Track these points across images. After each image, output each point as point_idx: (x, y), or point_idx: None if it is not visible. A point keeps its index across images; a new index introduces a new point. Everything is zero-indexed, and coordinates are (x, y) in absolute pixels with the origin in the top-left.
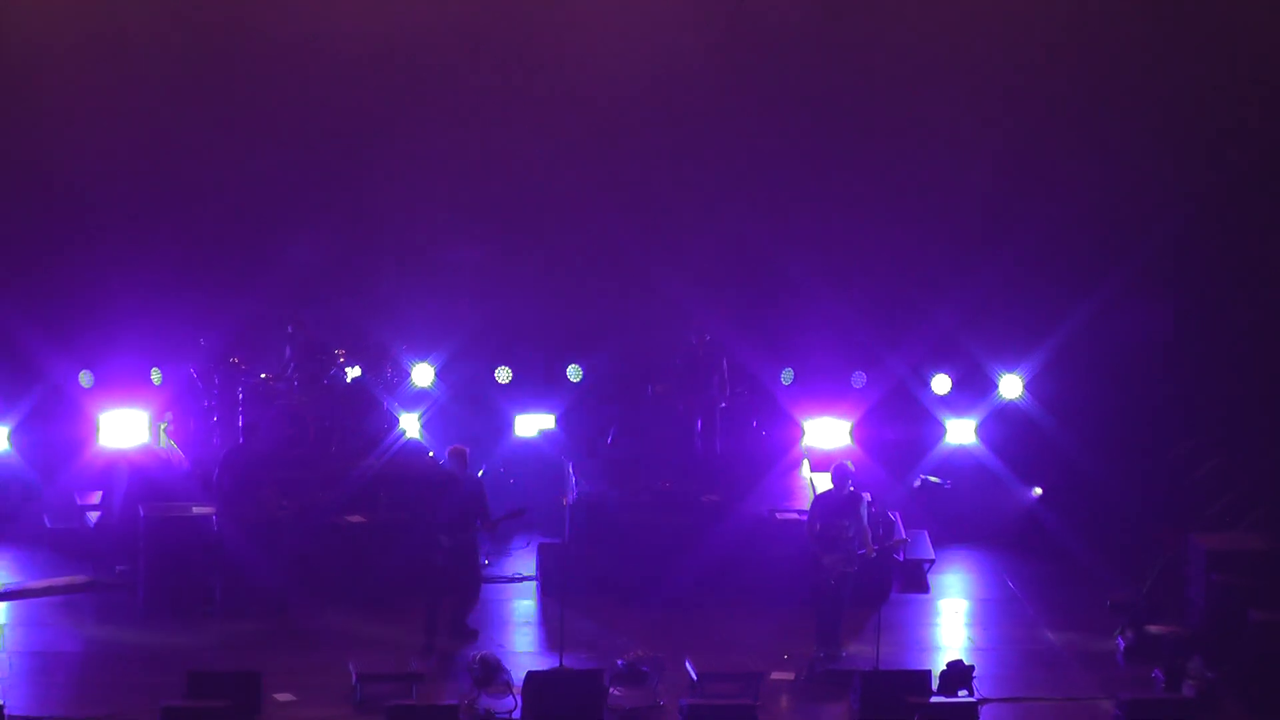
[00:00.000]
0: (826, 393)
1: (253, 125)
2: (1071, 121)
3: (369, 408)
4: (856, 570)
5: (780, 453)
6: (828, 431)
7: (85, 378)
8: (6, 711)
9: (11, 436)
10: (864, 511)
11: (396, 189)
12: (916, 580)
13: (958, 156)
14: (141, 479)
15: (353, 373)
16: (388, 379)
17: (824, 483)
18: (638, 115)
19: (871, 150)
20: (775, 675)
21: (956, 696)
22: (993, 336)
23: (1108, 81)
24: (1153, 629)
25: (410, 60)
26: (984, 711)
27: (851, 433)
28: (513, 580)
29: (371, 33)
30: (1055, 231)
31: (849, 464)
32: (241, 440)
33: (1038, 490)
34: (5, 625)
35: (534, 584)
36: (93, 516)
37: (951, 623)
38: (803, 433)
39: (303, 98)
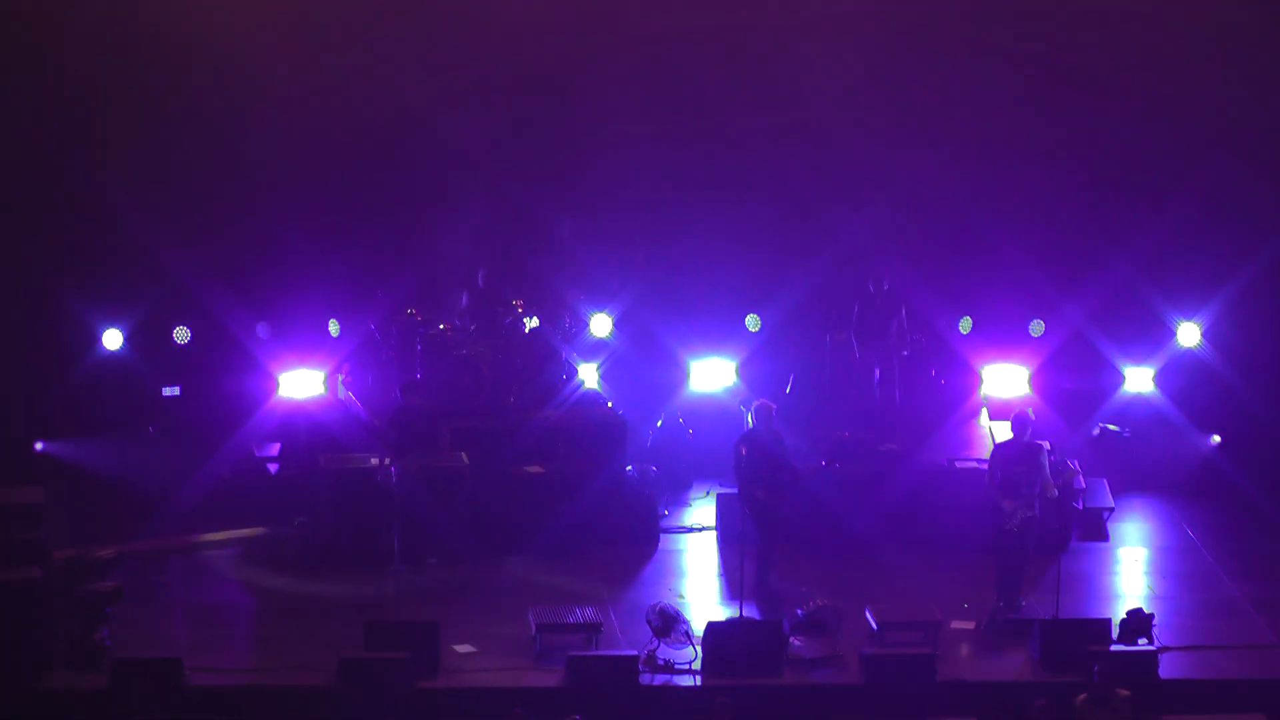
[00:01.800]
0: (1005, 341)
1: (432, 81)
2: (1252, 67)
3: (547, 358)
4: (1039, 517)
5: (959, 401)
6: (1006, 379)
7: (264, 331)
8: (187, 664)
9: (190, 389)
10: (1045, 460)
11: (572, 139)
12: (1096, 529)
13: (1136, 104)
14: (320, 431)
15: (531, 323)
16: (565, 329)
17: (1003, 431)
18: (820, 67)
19: (1051, 100)
20: (955, 624)
21: (1136, 645)
22: (1171, 284)
23: None
24: None
25: (594, 12)
26: (1164, 660)
27: (1030, 381)
28: (691, 530)
29: None
30: (1234, 179)
31: (1029, 412)
32: (400, 398)
33: (1216, 438)
34: (185, 578)
35: (713, 534)
36: (272, 468)
37: (1131, 571)
38: (981, 381)
39: (482, 53)
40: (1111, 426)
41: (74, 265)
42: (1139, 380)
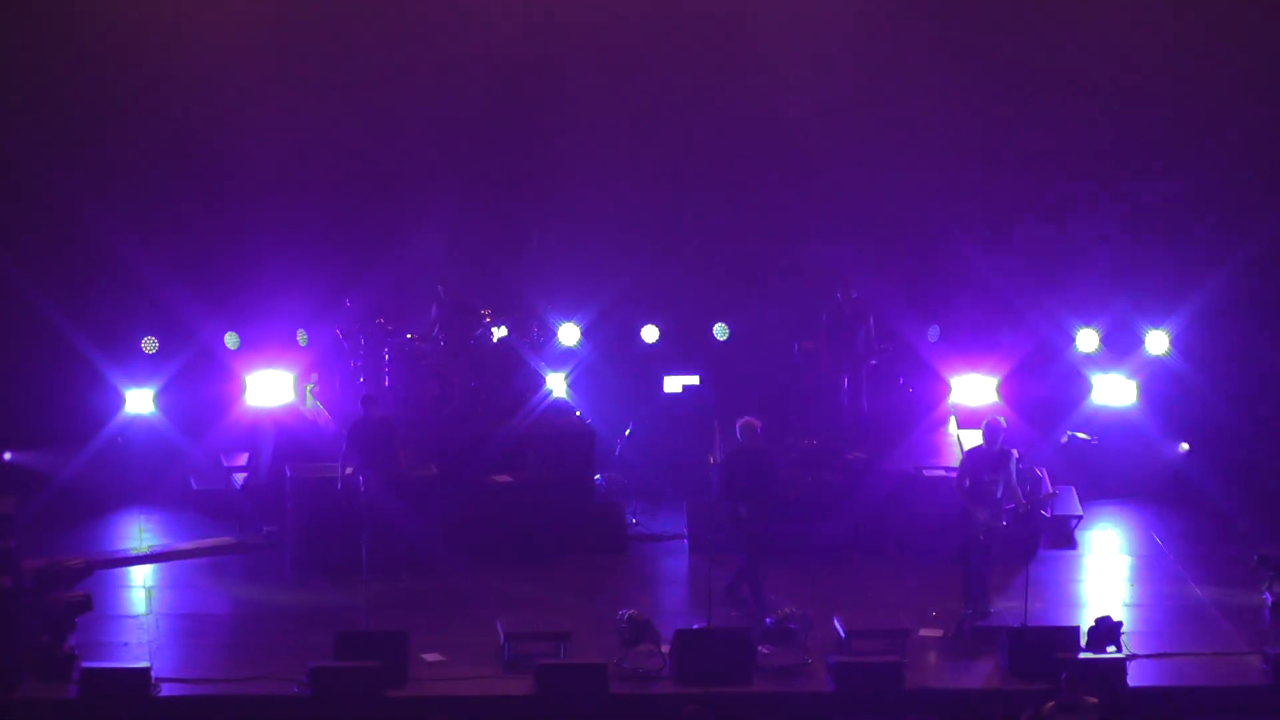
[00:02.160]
0: (973, 349)
1: (400, 90)
2: (1224, 74)
3: (515, 367)
4: (1005, 526)
5: (927, 409)
6: (975, 388)
7: (231, 339)
8: (155, 673)
9: (158, 398)
10: (1013, 467)
11: (543, 149)
12: (1064, 536)
13: (1106, 112)
14: (288, 440)
15: (499, 332)
16: (534, 338)
17: (972, 439)
18: (792, 78)
19: (1022, 110)
20: (924, 632)
21: (1105, 652)
22: (1140, 292)
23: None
24: None
25: (567, 22)
26: (1132, 667)
27: (998, 389)
28: (661, 538)
29: None
30: (1201, 187)
31: (1001, 420)
32: (361, 412)
33: (1184, 446)
34: (153, 587)
35: (684, 542)
36: (239, 478)
37: (1099, 579)
38: (949, 389)
39: (454, 63)
40: (1080, 434)
41: (42, 272)
42: (1107, 388)
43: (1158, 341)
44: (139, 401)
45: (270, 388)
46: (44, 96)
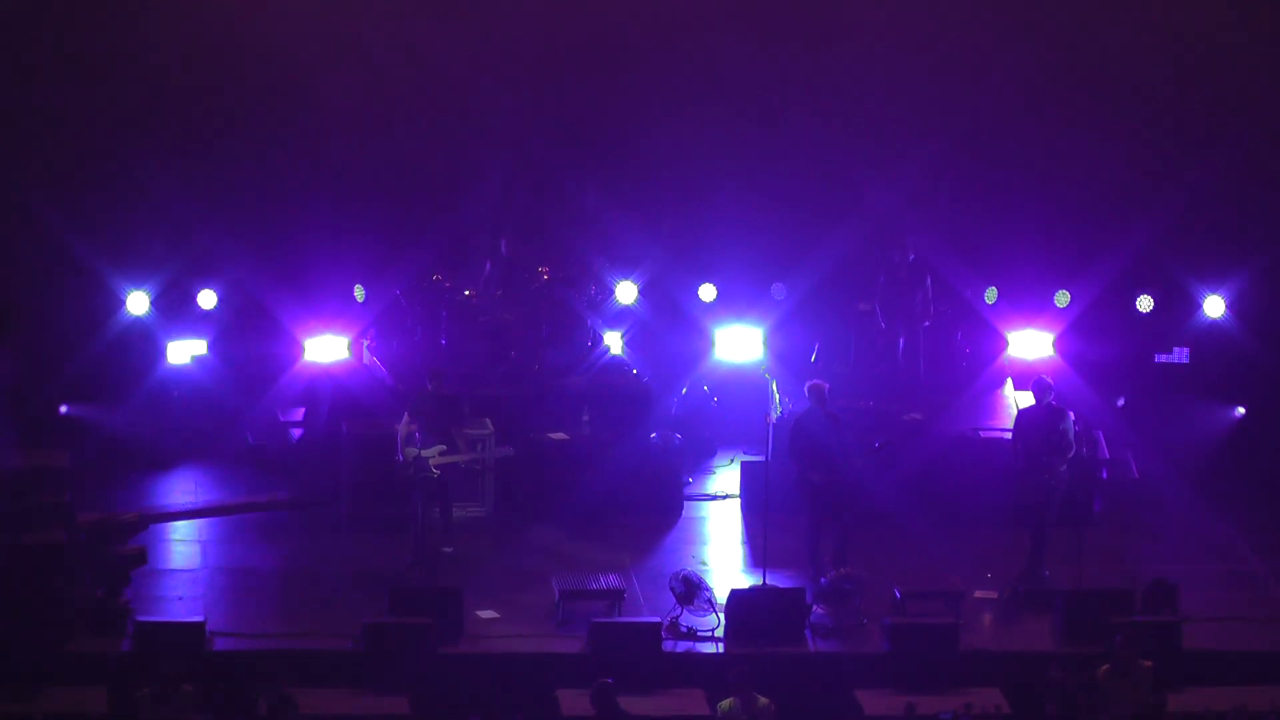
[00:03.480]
0: (1030, 307)
1: (458, 45)
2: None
3: (572, 325)
4: (1063, 486)
5: (983, 366)
6: (1031, 344)
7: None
8: (209, 628)
9: (212, 352)
10: (1069, 426)
11: (602, 105)
12: (1119, 499)
13: (1164, 70)
14: (344, 396)
15: (556, 290)
16: (591, 296)
17: (1027, 403)
18: (850, 33)
19: (1079, 68)
20: (978, 594)
21: (1160, 616)
22: (1199, 255)
23: None
24: None
25: None
26: (1187, 630)
27: (1054, 345)
28: (715, 498)
29: None
30: (1262, 148)
31: (1047, 377)
32: (429, 386)
33: (1240, 409)
34: (207, 542)
35: (737, 501)
36: (295, 434)
37: (1154, 541)
38: (1006, 345)
39: (508, 17)
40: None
41: (100, 231)
42: (1164, 349)
43: (1215, 305)
44: (192, 355)
45: (327, 344)
46: (103, 59)
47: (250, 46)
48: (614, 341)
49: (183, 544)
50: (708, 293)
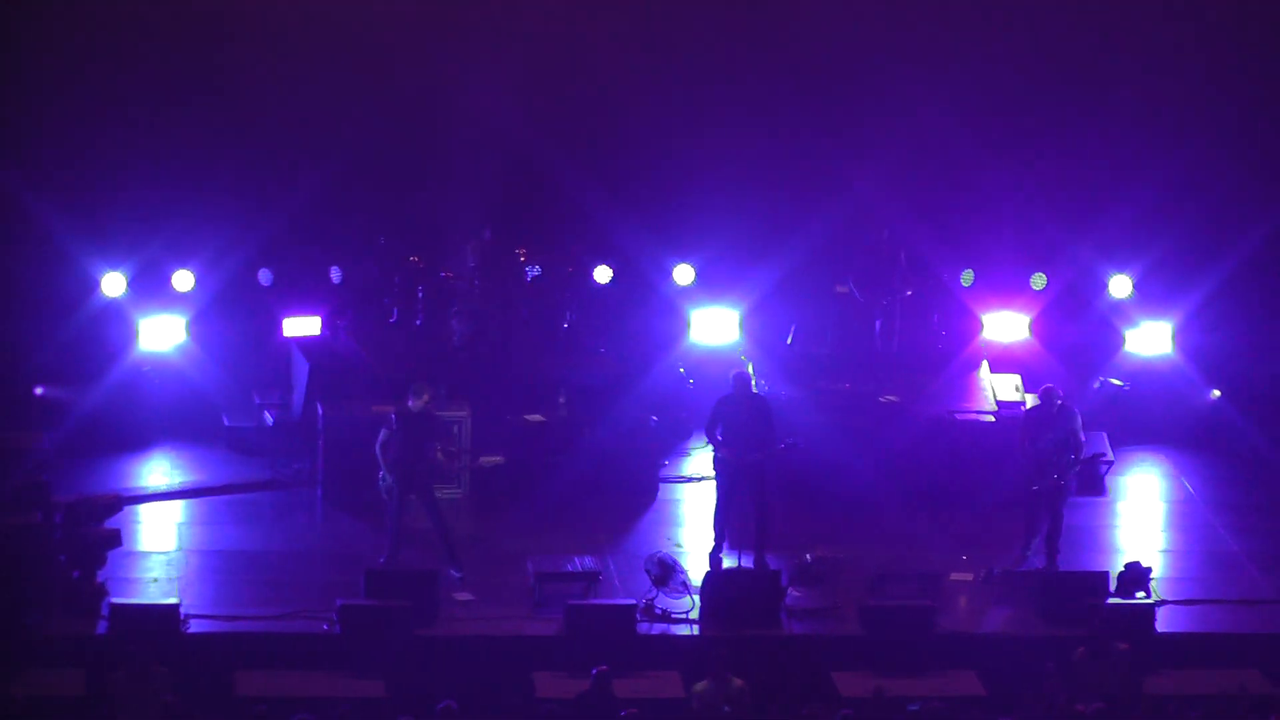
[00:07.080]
0: (1006, 288)
1: (431, 27)
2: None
3: (550, 307)
4: (1067, 484)
5: (959, 348)
6: (1007, 325)
7: (264, 275)
8: (183, 609)
9: (190, 327)
10: (1079, 426)
11: (580, 82)
12: (1094, 482)
13: (1145, 52)
14: (321, 377)
15: (533, 272)
16: (568, 277)
17: (1003, 385)
18: (835, 18)
19: (1058, 50)
20: (954, 576)
21: (1134, 598)
22: (1179, 237)
23: None
24: None
25: None
26: (1161, 613)
27: (1030, 327)
28: (690, 480)
29: None
30: (1243, 130)
31: (1055, 387)
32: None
33: (1216, 392)
34: (183, 523)
35: (712, 484)
36: (271, 414)
37: (1130, 525)
38: (982, 326)
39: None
40: (1113, 380)
41: (74, 209)
42: (1141, 333)
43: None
44: (167, 335)
45: (302, 325)
46: (84, 30)
47: (232, 23)
48: (591, 323)
49: (158, 526)
50: (684, 274)
